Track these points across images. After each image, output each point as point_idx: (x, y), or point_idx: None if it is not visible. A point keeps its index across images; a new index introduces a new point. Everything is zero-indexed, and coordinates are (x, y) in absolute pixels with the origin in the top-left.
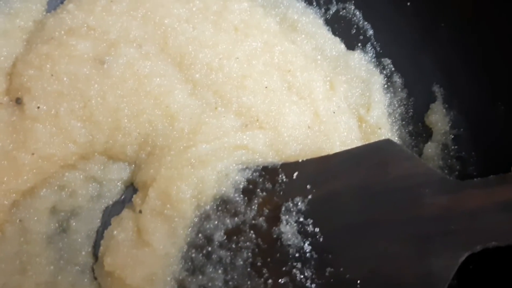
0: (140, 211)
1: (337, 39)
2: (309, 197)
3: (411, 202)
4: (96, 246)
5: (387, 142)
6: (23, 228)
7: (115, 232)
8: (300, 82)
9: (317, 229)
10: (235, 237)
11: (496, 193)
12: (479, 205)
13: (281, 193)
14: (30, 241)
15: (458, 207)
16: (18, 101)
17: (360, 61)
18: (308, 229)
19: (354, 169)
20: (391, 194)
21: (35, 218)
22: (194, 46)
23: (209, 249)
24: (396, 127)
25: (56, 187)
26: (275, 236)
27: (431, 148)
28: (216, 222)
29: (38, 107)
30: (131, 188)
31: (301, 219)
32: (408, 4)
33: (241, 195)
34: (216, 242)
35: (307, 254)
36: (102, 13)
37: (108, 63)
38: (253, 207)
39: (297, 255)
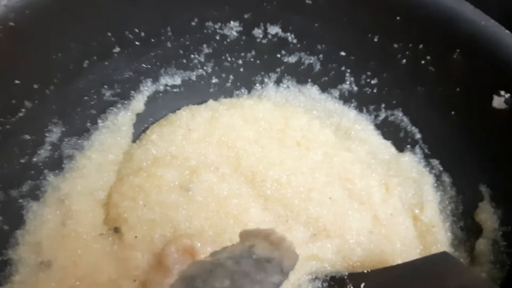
0: None
1: (388, 143)
2: None
3: None
4: None
5: (444, 254)
6: None
7: None
8: (359, 189)
9: None
10: None
11: None
12: None
13: None
14: None
15: None
16: (117, 230)
17: (410, 163)
18: None
19: (414, 282)
20: None
21: None
22: (264, 164)
23: None
24: (448, 223)
25: None
26: None
27: (482, 244)
28: None
29: (136, 236)
30: None
31: None
32: (452, 113)
33: None
34: None
35: None
36: (182, 142)
37: (192, 190)
38: None
39: None
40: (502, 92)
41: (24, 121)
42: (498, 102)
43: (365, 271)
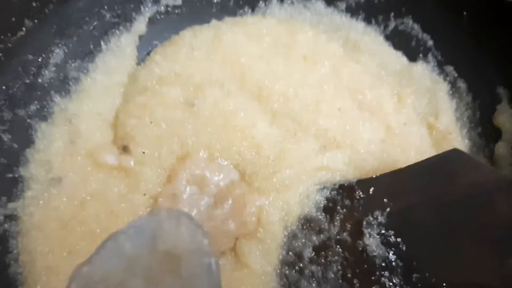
0: (236, 238)
1: (399, 53)
2: (387, 210)
3: (483, 208)
4: None
5: (454, 152)
6: None
7: None
8: (370, 99)
9: (399, 239)
10: (323, 253)
11: None
12: None
13: (360, 208)
14: None
15: None
16: (125, 149)
17: (423, 72)
18: (391, 240)
19: (425, 181)
20: (464, 203)
21: None
22: (270, 79)
23: (301, 265)
24: (465, 130)
25: None
26: (360, 248)
27: (501, 147)
28: (303, 240)
29: (144, 152)
30: None
31: (383, 231)
32: (465, 13)
33: (323, 213)
34: (306, 258)
35: (393, 263)
36: (185, 60)
37: (197, 105)
38: (335, 223)
39: (383, 264)
40: None
41: (26, 41)
42: None
43: (374, 176)
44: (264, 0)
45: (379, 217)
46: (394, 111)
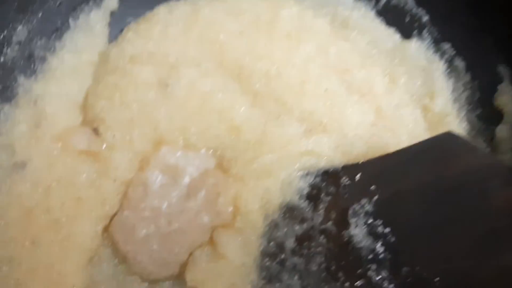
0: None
1: (391, 30)
2: (375, 198)
3: (478, 197)
4: None
5: (448, 135)
6: (116, 250)
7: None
8: (359, 80)
9: (387, 230)
10: (306, 243)
11: None
12: None
13: (346, 196)
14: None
15: None
16: (96, 132)
17: (418, 50)
18: (379, 230)
19: (415, 167)
20: (457, 190)
21: None
22: (251, 57)
23: (282, 256)
24: (464, 112)
25: None
26: (346, 239)
27: (503, 131)
28: (285, 230)
29: (114, 136)
30: None
31: (370, 221)
32: None
33: (306, 201)
34: (288, 250)
35: (381, 255)
36: (160, 38)
37: (171, 86)
38: (319, 212)
39: (370, 256)
40: None
41: None
42: None
43: (361, 162)
44: None
45: (366, 206)
46: (385, 92)
